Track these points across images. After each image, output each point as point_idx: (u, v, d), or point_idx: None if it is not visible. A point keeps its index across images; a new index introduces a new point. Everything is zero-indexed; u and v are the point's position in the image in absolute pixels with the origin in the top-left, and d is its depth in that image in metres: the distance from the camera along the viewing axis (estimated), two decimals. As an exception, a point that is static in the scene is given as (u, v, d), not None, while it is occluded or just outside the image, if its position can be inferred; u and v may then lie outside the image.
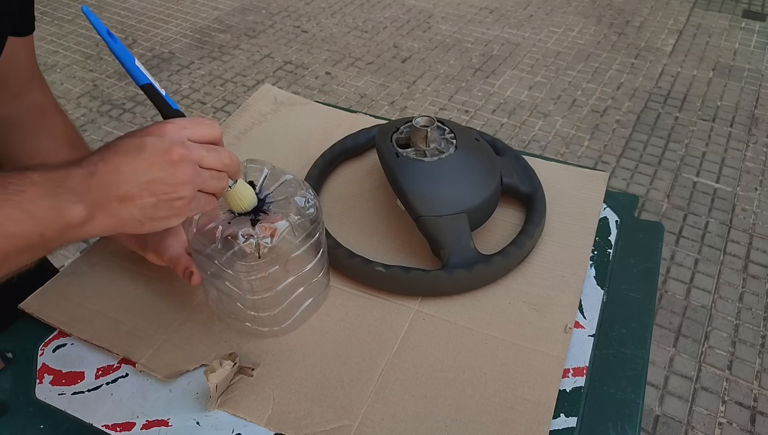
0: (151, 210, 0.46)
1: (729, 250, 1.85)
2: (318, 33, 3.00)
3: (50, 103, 0.71)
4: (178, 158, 0.45)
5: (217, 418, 0.57)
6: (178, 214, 0.47)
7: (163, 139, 0.46)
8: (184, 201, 0.47)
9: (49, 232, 0.42)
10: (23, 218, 0.41)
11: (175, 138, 0.46)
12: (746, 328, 1.62)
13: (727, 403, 1.46)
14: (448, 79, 2.64)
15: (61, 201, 0.42)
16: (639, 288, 0.71)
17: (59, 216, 0.42)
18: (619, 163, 2.19)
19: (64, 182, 0.43)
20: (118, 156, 0.45)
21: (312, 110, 0.98)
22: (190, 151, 0.46)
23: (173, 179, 0.45)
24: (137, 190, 0.45)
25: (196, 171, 0.47)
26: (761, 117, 2.42)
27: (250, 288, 0.60)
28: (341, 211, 0.79)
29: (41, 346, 0.64)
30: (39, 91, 0.70)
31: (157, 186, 0.45)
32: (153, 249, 0.65)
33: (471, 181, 0.72)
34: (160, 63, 2.75)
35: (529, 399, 0.58)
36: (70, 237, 0.44)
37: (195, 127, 0.48)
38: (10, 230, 0.41)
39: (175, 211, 0.47)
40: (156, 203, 0.46)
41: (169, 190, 0.46)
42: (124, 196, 0.44)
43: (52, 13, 3.16)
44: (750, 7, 3.25)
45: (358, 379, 0.60)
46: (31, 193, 0.42)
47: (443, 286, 0.68)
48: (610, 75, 2.68)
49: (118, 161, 0.45)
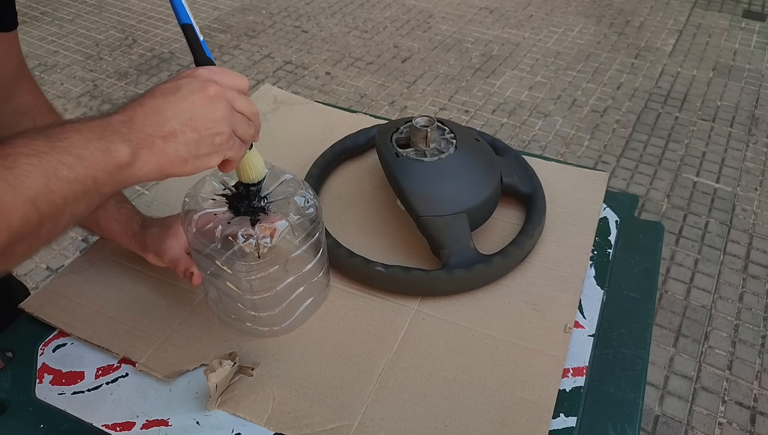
0: (194, 146, 0.47)
1: (729, 250, 1.85)
2: (318, 33, 3.00)
3: (42, 104, 0.69)
4: (214, 94, 0.47)
5: (217, 418, 0.57)
6: (218, 150, 0.48)
7: (197, 78, 0.48)
8: (223, 137, 0.48)
9: (100, 175, 0.43)
10: (74, 162, 0.41)
11: (207, 77, 0.48)
12: (746, 328, 1.62)
13: (727, 403, 1.46)
14: (448, 79, 2.64)
15: (108, 142, 0.43)
16: (639, 288, 0.71)
17: (108, 156, 0.43)
18: (619, 163, 2.18)
19: (107, 127, 0.44)
20: (155, 99, 0.46)
21: (312, 110, 0.98)
22: (223, 89, 0.48)
23: (212, 115, 0.47)
24: (180, 126, 0.46)
25: (230, 110, 0.48)
26: (761, 117, 2.42)
27: (250, 288, 0.60)
28: (341, 211, 0.79)
29: (41, 345, 0.64)
30: (29, 91, 0.68)
31: (198, 121, 0.46)
32: (153, 251, 0.65)
33: (471, 181, 0.72)
34: (160, 63, 2.75)
35: (528, 399, 0.58)
36: (120, 180, 0.44)
37: (225, 74, 0.50)
38: (65, 174, 0.41)
39: (215, 147, 0.48)
40: (198, 139, 0.47)
41: (210, 126, 0.47)
42: (168, 133, 0.45)
43: (52, 13, 3.16)
44: (750, 7, 3.25)
45: (357, 379, 0.60)
46: (76, 139, 0.42)
47: (443, 286, 0.68)
48: (610, 75, 2.68)
49: (157, 103, 0.46)
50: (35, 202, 0.40)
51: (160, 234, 0.64)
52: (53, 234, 0.43)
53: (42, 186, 0.40)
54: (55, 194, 0.40)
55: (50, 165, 0.40)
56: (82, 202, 0.43)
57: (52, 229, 0.42)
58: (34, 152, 0.40)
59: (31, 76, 0.69)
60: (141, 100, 0.46)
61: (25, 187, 0.39)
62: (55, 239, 0.44)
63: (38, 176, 0.40)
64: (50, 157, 0.41)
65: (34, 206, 0.40)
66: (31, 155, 0.40)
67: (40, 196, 0.40)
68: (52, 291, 0.69)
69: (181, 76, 0.48)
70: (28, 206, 0.39)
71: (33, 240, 0.41)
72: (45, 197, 0.40)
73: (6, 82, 0.66)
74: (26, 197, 0.39)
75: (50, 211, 0.41)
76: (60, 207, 0.41)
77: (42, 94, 0.70)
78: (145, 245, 0.65)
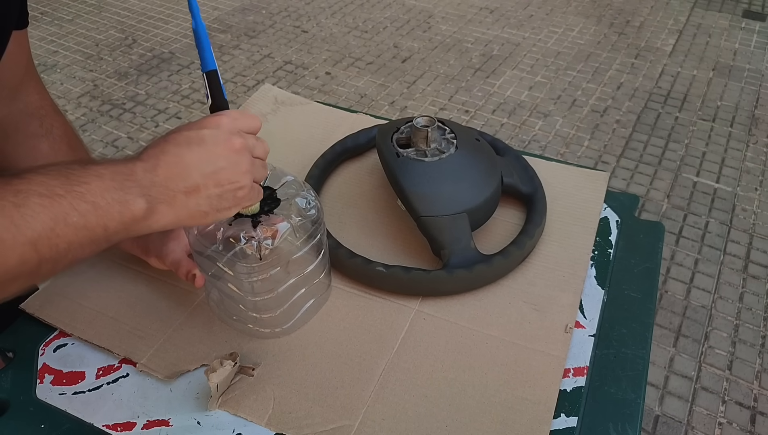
0: (216, 200, 0.46)
1: (729, 250, 1.85)
2: (318, 33, 3.00)
3: (48, 104, 0.69)
4: (239, 147, 0.46)
5: (217, 418, 0.57)
6: (238, 203, 0.48)
7: (221, 129, 0.47)
8: (245, 190, 0.48)
9: (112, 225, 0.42)
10: (87, 210, 0.40)
11: (231, 129, 0.47)
12: (746, 328, 1.62)
13: (727, 403, 1.46)
14: (448, 79, 2.64)
15: (126, 193, 0.42)
16: (639, 288, 0.71)
17: (124, 208, 0.42)
18: (619, 163, 2.19)
19: (130, 176, 0.43)
20: (179, 148, 0.45)
21: (312, 110, 0.98)
22: (246, 140, 0.47)
23: (237, 169, 0.46)
24: (203, 181, 0.45)
25: (252, 160, 0.48)
26: (761, 117, 2.42)
27: (252, 289, 0.60)
28: (342, 211, 0.79)
29: (42, 345, 0.64)
30: (36, 91, 0.68)
31: (222, 175, 0.46)
32: (155, 254, 0.65)
33: (471, 181, 0.72)
34: (160, 63, 2.75)
35: (529, 399, 0.58)
36: (133, 231, 0.44)
37: (244, 120, 0.49)
38: (74, 220, 0.40)
39: (237, 200, 0.48)
40: (221, 194, 0.46)
41: (234, 180, 0.46)
42: (191, 188, 0.45)
43: (52, 13, 3.16)
44: (750, 7, 3.25)
45: (358, 379, 0.60)
46: (96, 186, 0.41)
47: (444, 286, 0.68)
48: (610, 75, 2.68)
49: (181, 153, 0.45)
50: (36, 245, 0.39)
51: (162, 237, 0.64)
52: (52, 274, 0.42)
53: (47, 229, 0.39)
54: (59, 239, 0.40)
55: (61, 209, 0.39)
56: (87, 248, 0.42)
57: (51, 269, 0.41)
58: (49, 193, 0.39)
59: (37, 75, 0.69)
60: (165, 146, 0.45)
61: (29, 229, 0.38)
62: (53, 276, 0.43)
63: (46, 219, 0.39)
64: (63, 202, 0.40)
65: (35, 248, 0.39)
66: (45, 196, 0.39)
67: (43, 240, 0.39)
68: (53, 291, 0.69)
69: (204, 125, 0.47)
70: (28, 247, 0.39)
71: (29, 279, 0.41)
72: (48, 241, 0.39)
73: (15, 80, 0.66)
74: (27, 238, 0.38)
75: (51, 255, 0.40)
76: (62, 252, 0.41)
77: (47, 94, 0.70)
78: (146, 249, 0.65)
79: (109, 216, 0.41)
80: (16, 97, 0.67)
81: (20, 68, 0.66)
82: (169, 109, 2.46)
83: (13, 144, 0.66)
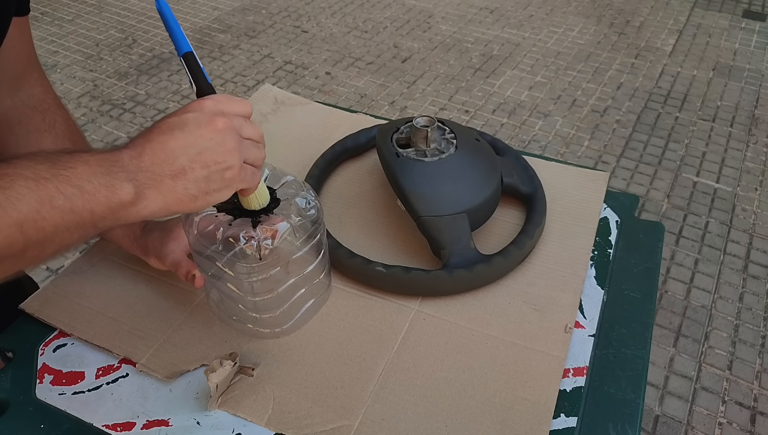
0: (204, 183, 0.46)
1: (729, 250, 1.85)
2: (318, 33, 3.00)
3: (51, 98, 0.69)
4: (222, 126, 0.46)
5: (217, 418, 0.57)
6: (228, 185, 0.48)
7: (203, 112, 0.47)
8: (233, 170, 0.47)
9: (99, 209, 0.42)
10: (73, 193, 0.41)
11: (214, 110, 0.47)
12: (746, 328, 1.62)
13: (727, 403, 1.46)
14: (448, 79, 2.64)
15: (113, 178, 0.42)
16: (639, 288, 0.71)
17: (110, 192, 0.42)
18: (619, 163, 2.19)
19: (116, 162, 0.43)
20: (163, 135, 0.45)
21: (312, 110, 0.98)
22: (231, 120, 0.47)
23: (222, 148, 0.46)
24: (189, 163, 0.45)
25: (239, 139, 0.47)
26: (761, 117, 2.42)
27: (251, 289, 0.60)
28: (341, 211, 0.79)
29: (41, 345, 0.64)
30: (39, 84, 0.68)
31: (207, 156, 0.45)
32: (155, 254, 0.64)
33: (471, 181, 0.72)
34: (160, 63, 2.75)
35: (529, 399, 0.58)
36: (122, 217, 0.44)
37: (230, 102, 0.49)
38: (60, 203, 0.40)
39: (226, 182, 0.47)
40: (208, 175, 0.46)
41: (220, 160, 0.46)
42: (177, 171, 0.45)
43: (52, 13, 3.16)
44: (750, 7, 3.25)
45: (358, 379, 0.60)
46: (82, 170, 0.42)
47: (443, 286, 0.68)
48: (610, 75, 2.68)
49: (165, 139, 0.45)
50: (22, 226, 0.39)
51: (162, 237, 0.64)
52: (39, 259, 0.42)
53: (33, 211, 0.39)
54: (45, 221, 0.40)
55: (47, 192, 0.40)
56: (74, 233, 0.42)
57: (37, 254, 0.42)
58: (35, 176, 0.40)
59: (40, 67, 0.69)
60: (149, 135, 0.45)
61: (15, 210, 0.39)
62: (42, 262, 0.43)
63: (31, 201, 0.39)
64: (49, 185, 0.40)
65: (21, 230, 0.39)
66: (30, 179, 0.40)
67: (29, 222, 0.39)
68: (53, 291, 0.69)
69: (187, 109, 0.47)
70: (14, 229, 0.39)
71: (16, 262, 0.41)
72: (34, 223, 0.40)
73: (17, 69, 0.65)
74: (13, 220, 0.39)
75: (38, 238, 0.40)
76: (49, 235, 0.41)
77: (51, 87, 0.70)
78: (146, 249, 0.65)
79: (95, 200, 0.42)
80: (20, 88, 0.66)
81: (22, 57, 0.65)
82: (169, 109, 2.46)
83: (15, 137, 0.66)
